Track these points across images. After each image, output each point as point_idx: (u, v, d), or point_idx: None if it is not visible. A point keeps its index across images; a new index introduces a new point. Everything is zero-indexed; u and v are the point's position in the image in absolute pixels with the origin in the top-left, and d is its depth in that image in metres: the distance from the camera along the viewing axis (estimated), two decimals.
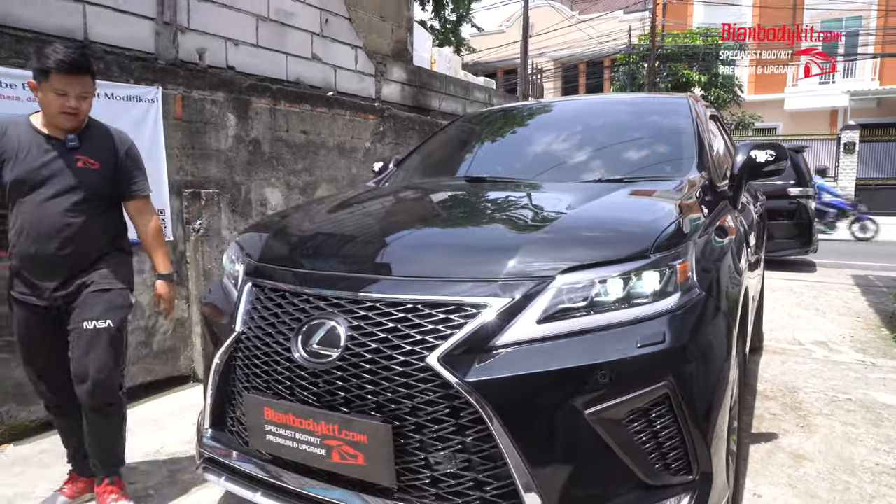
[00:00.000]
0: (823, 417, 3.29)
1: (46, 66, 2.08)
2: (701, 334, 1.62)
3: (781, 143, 2.71)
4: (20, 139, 2.19)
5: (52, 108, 2.14)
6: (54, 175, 2.20)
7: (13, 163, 2.16)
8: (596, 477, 1.53)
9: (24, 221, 2.18)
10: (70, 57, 2.09)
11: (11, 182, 2.17)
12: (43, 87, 2.12)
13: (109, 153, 2.32)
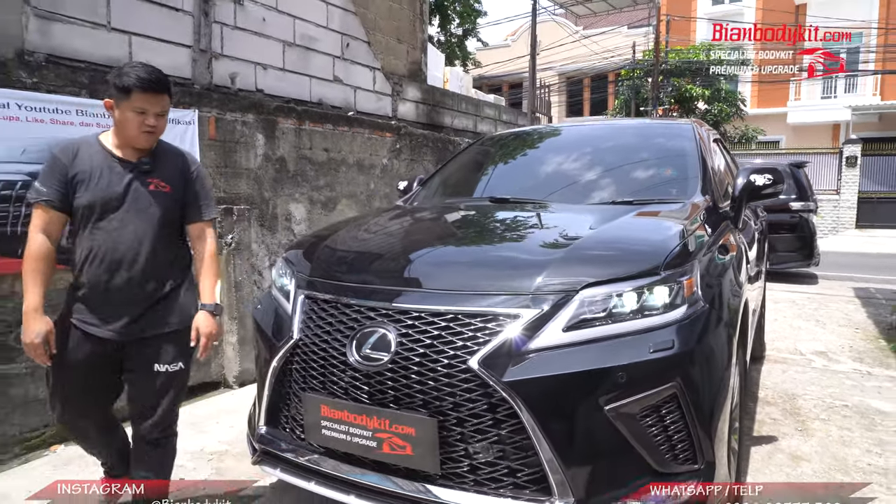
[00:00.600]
0: (821, 422, 3.51)
1: (128, 85, 2.02)
2: (704, 341, 1.86)
3: (778, 167, 2.95)
4: (93, 161, 2.09)
5: (131, 127, 2.06)
6: (129, 199, 2.10)
7: (87, 185, 2.07)
8: (613, 464, 1.76)
9: (96, 247, 2.07)
10: (152, 75, 2.06)
11: (85, 206, 2.06)
12: (122, 106, 2.05)
13: (180, 175, 2.23)
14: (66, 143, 2.14)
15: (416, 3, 6.66)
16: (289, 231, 4.96)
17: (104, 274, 2.08)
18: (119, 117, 2.08)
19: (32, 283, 2.02)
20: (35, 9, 3.35)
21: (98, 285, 2.09)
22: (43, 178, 2.08)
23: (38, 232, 2.05)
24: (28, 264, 2.03)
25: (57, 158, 2.08)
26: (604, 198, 2.81)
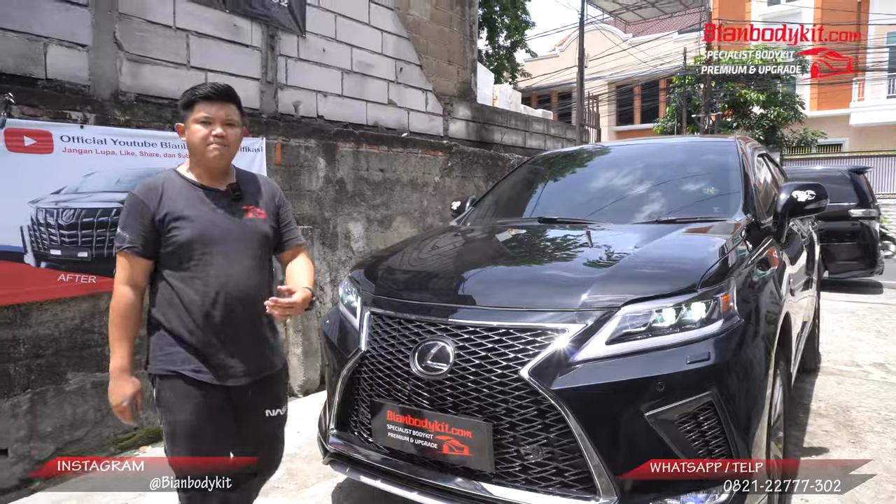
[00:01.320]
0: (875, 434, 3.52)
1: (190, 98, 1.93)
2: (740, 354, 2.00)
3: (821, 184, 3.03)
4: (180, 195, 1.94)
5: (197, 141, 1.91)
6: (229, 231, 1.96)
7: (181, 222, 1.90)
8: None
9: (204, 288, 1.89)
10: (215, 85, 1.97)
11: (183, 244, 1.89)
12: (189, 123, 1.93)
13: (269, 201, 2.11)
14: (147, 184, 1.95)
15: (466, 26, 6.92)
16: (348, 248, 5.26)
17: (218, 315, 1.90)
18: (187, 136, 1.94)
19: (119, 340, 1.89)
20: (127, 53, 3.76)
21: (210, 328, 1.90)
22: (125, 224, 1.90)
23: (124, 284, 1.89)
24: (114, 319, 1.89)
25: (139, 200, 1.90)
26: (647, 217, 2.96)
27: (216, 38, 4.26)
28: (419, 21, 6.20)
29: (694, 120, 20.73)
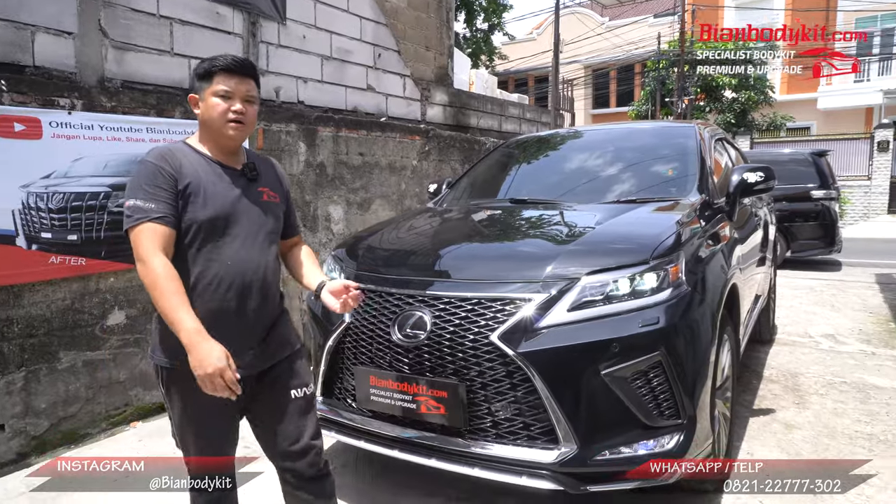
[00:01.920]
0: (818, 397, 3.83)
1: (209, 68, 1.79)
2: (686, 318, 2.24)
3: (770, 166, 3.28)
4: (198, 169, 1.79)
5: (215, 115, 1.78)
6: (246, 212, 1.84)
7: (203, 198, 1.76)
8: (610, 420, 2.15)
9: (221, 270, 1.77)
10: (238, 59, 1.83)
11: (204, 221, 1.76)
12: (205, 95, 1.80)
13: (280, 184, 2.02)
14: (162, 151, 1.80)
15: (443, 12, 7.06)
16: (328, 231, 5.42)
17: (233, 300, 1.79)
18: (202, 109, 1.81)
19: (181, 303, 1.63)
20: (112, 41, 3.85)
21: (225, 314, 1.78)
22: (147, 193, 1.70)
23: (159, 250, 1.67)
24: (165, 285, 1.63)
25: (158, 167, 1.73)
26: (610, 197, 3.19)
27: (199, 26, 4.36)
28: (397, 7, 6.32)
29: (668, 104, 21.10)
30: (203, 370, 1.58)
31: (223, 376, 1.59)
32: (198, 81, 1.83)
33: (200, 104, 1.83)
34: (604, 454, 2.13)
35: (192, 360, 1.60)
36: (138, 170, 1.76)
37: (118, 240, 3.76)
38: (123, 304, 3.84)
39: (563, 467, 2.11)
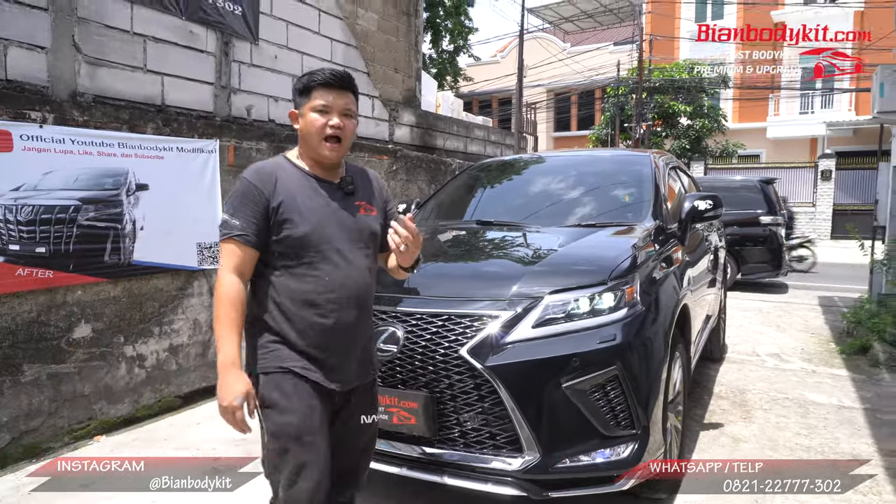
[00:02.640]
0: (763, 412, 4.07)
1: (308, 83, 1.81)
2: (640, 335, 2.41)
3: (717, 195, 3.53)
4: (294, 185, 1.80)
5: (313, 131, 1.79)
6: (343, 227, 1.83)
7: (298, 214, 1.76)
8: (570, 430, 2.30)
9: (319, 286, 1.76)
10: (336, 73, 1.83)
11: (299, 238, 1.75)
12: (304, 111, 1.81)
13: (378, 196, 1.99)
14: (260, 168, 1.82)
15: (412, 36, 7.25)
16: None
17: (332, 318, 1.77)
18: (301, 124, 1.83)
19: (229, 332, 1.67)
20: (86, 56, 3.89)
21: (324, 329, 1.77)
22: (235, 209, 1.74)
23: (231, 272, 1.71)
24: (222, 310, 1.68)
25: (254, 186, 1.75)
26: (571, 221, 3.37)
27: (172, 44, 4.42)
28: (367, 30, 6.49)
29: (626, 129, 21.81)
30: (219, 401, 1.65)
31: (234, 414, 1.63)
32: (298, 97, 1.85)
33: (300, 119, 1.84)
34: (564, 462, 2.27)
35: (218, 388, 1.66)
36: (236, 185, 1.81)
37: (86, 253, 3.77)
38: (90, 318, 3.83)
39: (527, 474, 2.24)
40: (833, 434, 3.67)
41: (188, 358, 4.49)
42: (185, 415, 4.19)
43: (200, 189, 4.53)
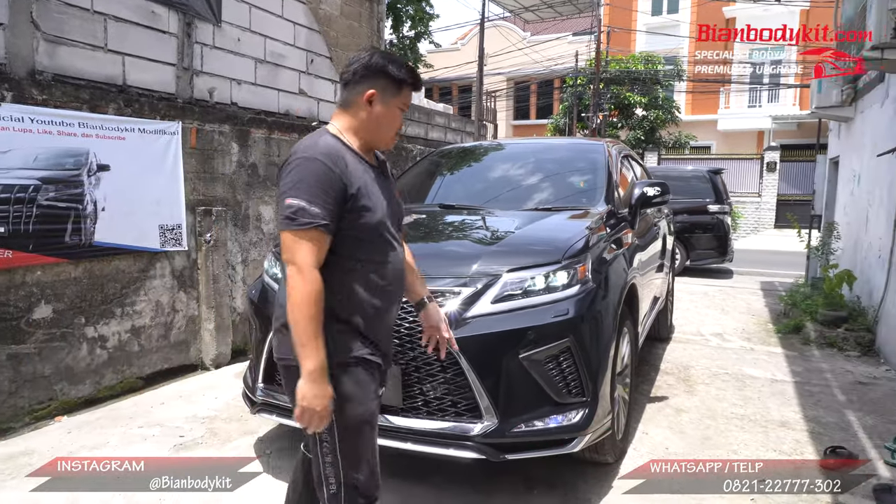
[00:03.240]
0: (704, 385, 4.36)
1: (405, 78, 1.77)
2: (591, 310, 2.61)
3: (665, 182, 3.75)
4: (358, 169, 1.71)
5: (391, 125, 1.79)
6: (394, 211, 1.82)
7: (370, 200, 1.69)
8: (526, 397, 2.48)
9: (384, 272, 1.73)
10: (421, 78, 1.85)
11: (377, 223, 1.70)
12: (389, 101, 1.75)
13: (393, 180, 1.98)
14: (328, 149, 1.66)
15: (374, 21, 7.29)
16: (259, 230, 5.52)
17: (390, 300, 1.78)
18: (381, 112, 1.75)
19: (316, 334, 1.57)
20: (44, 34, 3.84)
21: (382, 314, 1.76)
22: (313, 195, 1.59)
23: (314, 266, 1.59)
24: (309, 309, 1.56)
25: (331, 170, 1.62)
26: (529, 205, 3.55)
27: (134, 24, 4.39)
28: (330, 15, 6.51)
29: (584, 118, 22.23)
30: (311, 406, 1.56)
31: (321, 418, 1.59)
32: (386, 81, 1.74)
33: (378, 106, 1.74)
34: (520, 427, 2.45)
35: (306, 390, 1.56)
36: (303, 165, 1.61)
37: (47, 233, 3.75)
38: (50, 298, 3.82)
39: (486, 439, 2.41)
40: (765, 404, 3.98)
41: (150, 339, 4.51)
42: (148, 395, 4.22)
43: (163, 171, 4.53)
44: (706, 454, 3.21)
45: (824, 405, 3.99)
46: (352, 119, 1.77)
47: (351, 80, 1.77)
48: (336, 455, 1.68)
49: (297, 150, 1.67)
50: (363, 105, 1.74)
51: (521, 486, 2.85)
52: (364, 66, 1.75)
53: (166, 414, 3.84)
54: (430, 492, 2.80)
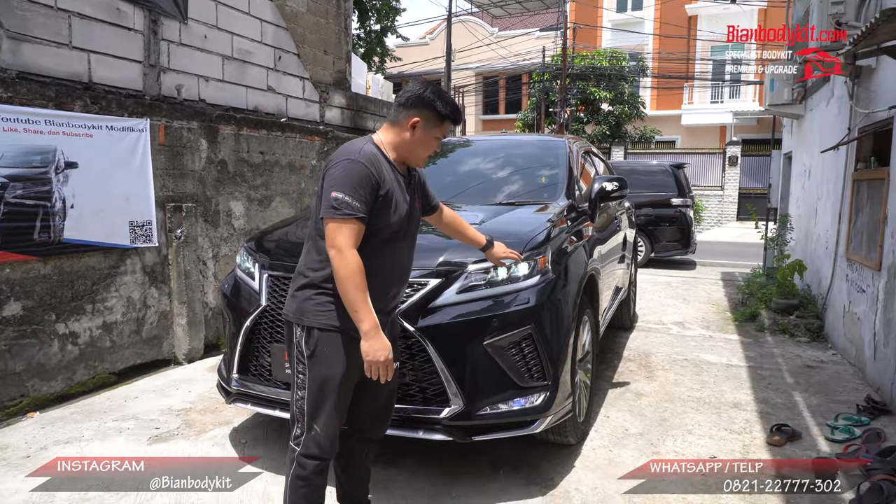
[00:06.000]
0: (663, 371, 4.57)
1: (448, 114, 2.07)
2: (551, 299, 2.75)
3: (623, 178, 3.92)
4: (390, 175, 2.03)
5: (428, 150, 2.11)
6: (413, 222, 2.17)
7: (394, 205, 2.02)
8: (490, 382, 2.62)
9: (379, 266, 2.01)
10: (460, 110, 2.15)
11: (396, 222, 2.03)
12: (431, 130, 2.05)
13: (421, 186, 2.32)
14: (370, 155, 1.99)
15: (341, 18, 7.34)
16: (229, 226, 5.56)
17: (380, 291, 2.03)
18: (421, 137, 2.05)
19: (364, 300, 1.89)
20: (8, 31, 3.82)
21: (384, 296, 2.07)
22: (355, 192, 1.90)
23: (353, 248, 1.90)
24: (357, 281, 1.87)
25: (370, 172, 1.94)
26: (493, 199, 3.68)
27: (99, 21, 4.38)
28: (297, 12, 6.54)
29: (551, 114, 22.50)
30: (376, 358, 1.90)
31: (387, 365, 1.93)
32: (430, 112, 2.04)
33: (419, 131, 2.05)
34: (486, 409, 2.59)
35: (367, 346, 1.90)
36: (347, 166, 1.93)
37: (15, 231, 3.75)
38: (20, 296, 3.83)
39: (453, 421, 2.54)
40: (720, 387, 4.20)
41: (122, 335, 4.53)
42: (121, 389, 4.25)
43: (131, 168, 4.54)
44: (663, 435, 3.40)
45: (774, 387, 4.23)
46: (395, 137, 2.08)
47: (404, 103, 2.07)
48: (304, 403, 2.03)
49: (345, 152, 2.00)
50: (407, 128, 2.05)
51: (487, 467, 2.99)
52: (417, 96, 2.05)
53: (140, 407, 3.88)
54: (402, 475, 2.93)
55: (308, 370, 2.01)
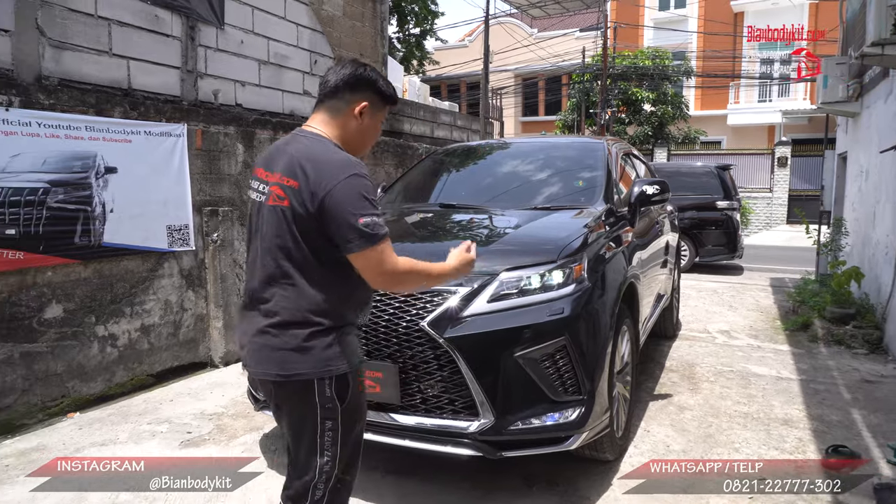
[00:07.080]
0: (708, 383, 4.36)
1: (392, 95, 1.88)
2: (587, 309, 2.62)
3: (665, 181, 3.75)
4: None
5: (374, 135, 1.89)
6: None
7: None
8: (522, 395, 2.50)
9: (355, 287, 1.79)
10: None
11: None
12: (376, 114, 1.84)
13: None
14: (355, 160, 1.75)
15: (377, 21, 7.33)
16: None
17: (358, 307, 1.84)
18: (369, 123, 1.83)
19: (430, 266, 1.83)
20: (50, 39, 3.91)
21: (364, 315, 1.91)
22: (375, 207, 1.69)
23: (395, 255, 1.73)
24: (419, 271, 1.78)
25: (370, 180, 1.79)
26: (527, 204, 3.56)
27: (137, 28, 4.45)
28: (333, 16, 6.55)
29: (592, 115, 22.14)
30: (460, 265, 1.89)
31: (471, 264, 1.94)
32: (377, 97, 1.82)
33: (366, 118, 1.80)
34: (517, 424, 2.47)
35: (462, 270, 1.91)
36: (360, 184, 1.66)
37: (56, 235, 3.82)
38: (61, 298, 3.90)
39: (482, 436, 2.44)
40: (769, 402, 3.97)
41: (160, 338, 4.58)
42: (158, 392, 4.29)
43: (169, 172, 4.60)
44: (708, 452, 3.22)
45: (829, 403, 3.98)
46: (339, 130, 1.79)
47: (341, 88, 1.77)
48: (332, 465, 1.76)
49: (337, 166, 1.66)
50: (353, 115, 1.78)
51: (520, 483, 2.88)
52: (357, 77, 1.77)
53: (175, 411, 3.90)
54: (431, 488, 2.84)
55: (342, 424, 1.72)
